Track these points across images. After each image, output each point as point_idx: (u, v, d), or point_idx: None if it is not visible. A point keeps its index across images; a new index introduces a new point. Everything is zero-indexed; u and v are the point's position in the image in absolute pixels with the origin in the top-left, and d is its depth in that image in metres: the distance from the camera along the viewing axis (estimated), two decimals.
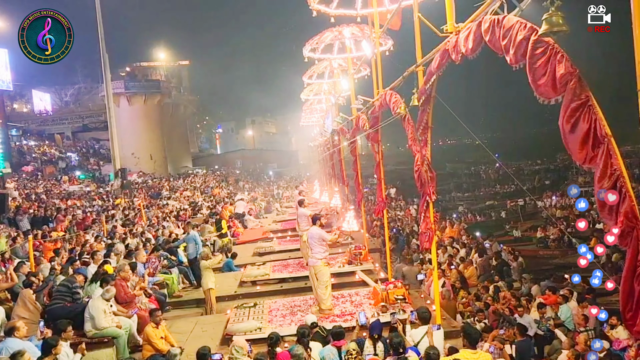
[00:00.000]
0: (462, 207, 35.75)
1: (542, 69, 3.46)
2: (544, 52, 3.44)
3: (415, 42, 6.85)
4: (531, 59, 3.54)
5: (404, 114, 6.98)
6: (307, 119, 35.94)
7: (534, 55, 3.52)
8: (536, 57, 3.50)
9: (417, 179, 7.03)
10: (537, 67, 3.50)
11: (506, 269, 14.07)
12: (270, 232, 17.91)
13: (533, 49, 3.52)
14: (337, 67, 16.12)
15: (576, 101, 3.25)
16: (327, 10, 9.90)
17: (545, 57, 3.43)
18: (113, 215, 18.86)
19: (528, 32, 3.60)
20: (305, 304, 9.30)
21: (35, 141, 44.72)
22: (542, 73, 3.46)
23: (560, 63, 3.33)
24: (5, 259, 10.89)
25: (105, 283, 7.83)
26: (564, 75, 3.27)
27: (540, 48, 3.48)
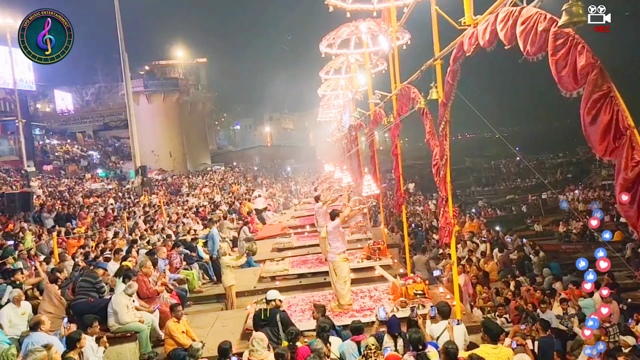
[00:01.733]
0: (481, 201, 35.40)
1: (563, 61, 3.41)
2: (565, 44, 3.39)
3: (432, 36, 6.80)
4: (552, 50, 3.49)
5: (423, 108, 6.94)
6: (324, 115, 35.90)
7: (555, 47, 3.47)
8: (557, 49, 3.45)
9: (435, 173, 7.00)
10: (558, 58, 3.45)
11: (527, 263, 13.93)
12: (289, 228, 17.97)
13: (554, 40, 3.47)
14: (354, 62, 16.06)
15: (597, 92, 3.20)
16: (344, 5, 9.86)
17: (565, 48, 3.38)
18: (134, 212, 19.12)
19: (548, 23, 3.55)
20: (324, 299, 9.33)
21: (57, 140, 45.51)
22: (563, 65, 3.41)
23: (581, 54, 3.28)
24: (31, 255, 11.16)
25: (128, 279, 7.96)
26: (584, 67, 3.22)
27: (561, 39, 3.43)
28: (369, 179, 10.61)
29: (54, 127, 49.09)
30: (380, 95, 10.25)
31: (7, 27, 26.35)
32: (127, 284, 7.83)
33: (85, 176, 32.94)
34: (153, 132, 44.07)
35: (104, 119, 51.60)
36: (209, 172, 42.22)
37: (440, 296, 8.75)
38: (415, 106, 7.34)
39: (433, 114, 7.07)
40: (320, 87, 21.95)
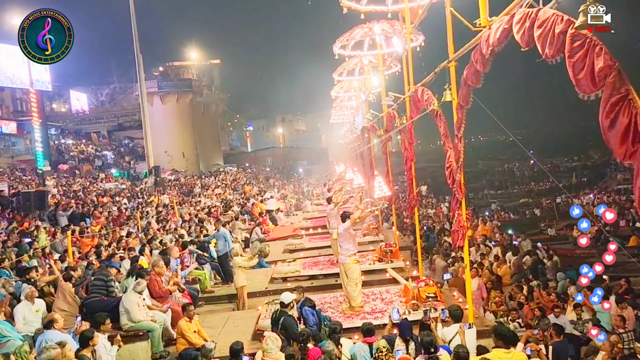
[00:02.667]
0: (495, 204, 35.14)
1: (580, 63, 3.36)
2: (582, 46, 3.34)
3: (446, 38, 6.76)
4: (569, 52, 3.44)
5: (437, 110, 6.91)
6: (337, 117, 35.92)
7: (572, 49, 3.42)
8: (574, 51, 3.40)
9: (448, 175, 6.95)
10: (575, 61, 3.40)
11: (541, 267, 13.78)
12: (301, 229, 17.98)
13: (571, 42, 3.42)
14: (367, 64, 16.04)
15: (616, 95, 3.15)
16: (358, 7, 9.85)
17: (583, 50, 3.33)
18: (147, 212, 19.26)
19: (565, 25, 3.50)
20: (335, 301, 9.33)
21: (72, 140, 45.99)
22: (580, 67, 3.36)
23: (599, 56, 3.23)
24: (46, 253, 11.28)
25: (141, 277, 8.01)
26: (602, 69, 3.17)
27: (578, 41, 3.39)
28: (381, 181, 10.58)
29: (69, 127, 49.64)
30: (393, 97, 10.21)
31: None
32: (135, 281, 7.90)
33: (99, 176, 33.24)
34: (166, 133, 44.40)
35: (118, 120, 52.11)
36: (221, 173, 42.42)
37: (453, 299, 8.69)
38: (429, 108, 7.30)
39: (446, 116, 7.03)
40: (334, 88, 21.96)
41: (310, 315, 7.24)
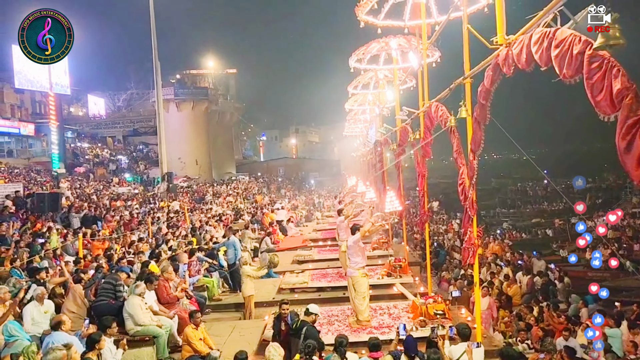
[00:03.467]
0: (506, 223, 34.83)
1: (599, 85, 3.33)
2: (600, 67, 3.32)
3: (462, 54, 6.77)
4: (587, 74, 3.42)
5: (452, 127, 6.90)
6: (350, 129, 36.00)
7: (590, 70, 3.40)
8: (592, 72, 3.38)
9: (460, 192, 6.92)
10: (593, 82, 3.37)
11: (552, 288, 13.60)
12: (310, 241, 17.95)
13: (589, 63, 3.40)
14: (382, 78, 16.09)
15: (632, 117, 3.11)
16: (375, 22, 9.90)
17: (601, 72, 3.30)
18: (158, 218, 19.36)
19: (583, 45, 3.49)
20: (342, 314, 9.27)
21: (88, 143, 46.54)
22: (599, 89, 3.33)
23: (617, 78, 3.21)
24: (57, 255, 11.37)
25: (150, 283, 8.04)
26: (620, 91, 3.15)
27: (596, 62, 3.37)
28: (392, 195, 10.55)
29: (86, 131, 50.27)
30: (407, 111, 10.22)
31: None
32: (134, 284, 7.92)
33: (113, 180, 33.54)
34: (181, 140, 44.74)
35: (134, 125, 52.67)
36: (233, 181, 42.58)
37: (461, 317, 8.60)
38: (444, 125, 7.29)
39: (460, 133, 7.02)
40: (348, 101, 22.03)
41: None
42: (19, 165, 32.94)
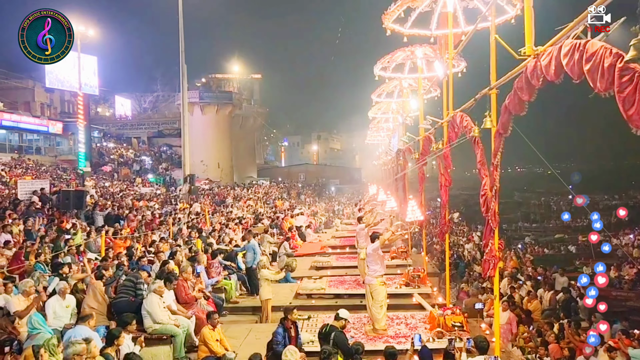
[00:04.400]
0: (528, 237, 34.25)
1: (630, 98, 3.26)
2: (631, 80, 3.25)
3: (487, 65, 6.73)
4: (619, 87, 3.35)
5: (475, 137, 6.84)
6: (372, 137, 35.96)
7: (621, 83, 3.33)
8: (623, 86, 3.31)
9: (482, 203, 6.84)
10: (625, 96, 3.30)
11: (573, 306, 13.31)
12: (329, 247, 17.94)
13: (620, 77, 3.34)
14: (406, 87, 16.05)
15: None
16: (401, 30, 9.88)
17: (632, 85, 3.24)
18: (179, 219, 19.57)
19: (614, 58, 3.43)
20: (359, 322, 9.23)
21: (113, 143, 47.36)
22: (631, 102, 3.25)
23: None
24: (80, 251, 11.57)
25: (169, 282, 8.12)
26: None
27: (627, 76, 3.30)
28: (414, 205, 10.49)
29: (112, 131, 51.16)
30: (431, 120, 10.17)
31: (79, 34, 27.84)
32: (152, 282, 8.01)
33: (136, 180, 34.05)
34: (204, 143, 45.18)
35: (159, 127, 53.42)
36: (254, 186, 42.83)
37: (480, 331, 8.48)
38: (468, 134, 7.24)
39: (484, 143, 6.96)
40: (371, 109, 22.01)
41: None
42: (45, 163, 33.67)
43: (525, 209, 50.43)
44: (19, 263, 9.78)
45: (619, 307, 16.01)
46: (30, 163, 30.99)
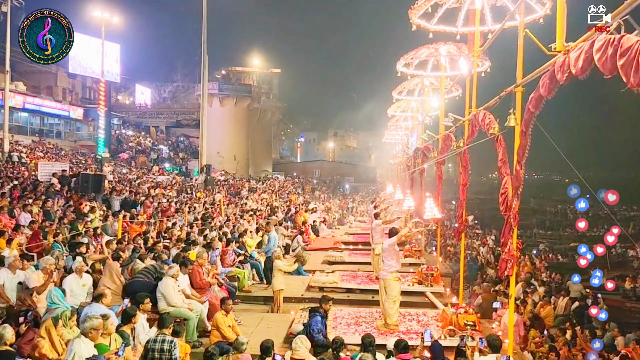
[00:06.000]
0: (543, 245, 33.89)
1: None
2: None
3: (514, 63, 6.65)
4: None
5: (497, 135, 6.78)
6: (390, 136, 35.84)
7: None
8: None
9: (502, 202, 6.78)
10: None
11: (586, 314, 13.16)
12: (342, 243, 17.93)
13: None
14: (428, 85, 15.93)
15: None
16: (427, 26, 9.82)
17: None
18: (195, 207, 19.71)
19: None
20: (370, 316, 9.22)
21: (132, 131, 47.88)
22: None
23: None
24: (97, 234, 11.73)
25: (184, 266, 8.20)
26: None
27: None
28: (432, 203, 10.43)
29: (131, 119, 51.74)
30: (453, 118, 10.09)
31: (103, 21, 28.12)
32: (169, 266, 8.09)
33: (153, 168, 34.36)
34: (221, 134, 45.39)
35: (177, 117, 53.86)
36: (269, 179, 42.96)
37: (492, 331, 8.42)
38: (488, 132, 7.16)
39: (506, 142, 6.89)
40: (391, 107, 21.91)
41: (317, 323, 7.31)
42: (65, 147, 34.17)
43: (541, 216, 49.91)
44: (37, 242, 9.95)
45: (633, 318, 15.81)
46: (51, 147, 31.46)
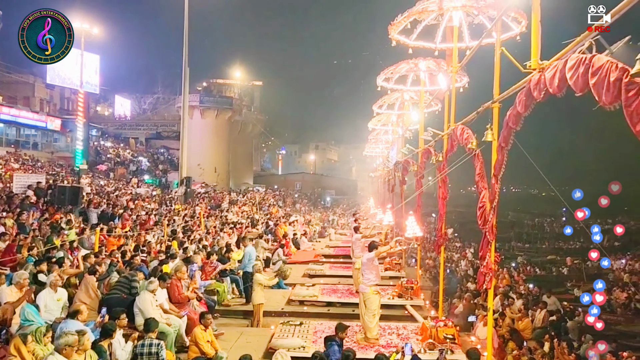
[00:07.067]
0: (521, 257, 34.30)
1: (637, 113, 3.26)
2: (637, 95, 3.28)
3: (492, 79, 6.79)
4: (625, 102, 3.35)
5: (475, 150, 6.89)
6: (371, 149, 36.06)
7: (628, 98, 3.34)
8: (630, 100, 3.32)
9: (480, 216, 6.87)
10: (632, 110, 3.30)
11: (564, 326, 13.34)
12: (322, 256, 17.91)
13: (626, 91, 3.36)
14: (408, 100, 16.12)
15: None
16: (407, 42, 9.98)
17: (638, 99, 3.28)
18: (174, 220, 19.51)
19: (620, 72, 3.45)
20: (350, 330, 9.15)
21: (111, 143, 47.27)
22: (638, 117, 3.27)
23: None
24: (73, 247, 11.51)
25: (163, 281, 8.09)
26: None
27: (633, 90, 3.33)
28: (413, 221, 10.50)
29: (110, 130, 51.07)
30: (432, 132, 10.22)
31: (83, 32, 27.81)
32: (148, 280, 7.98)
33: (132, 180, 33.94)
34: (202, 147, 45.15)
35: (157, 128, 53.41)
36: (250, 191, 42.76)
37: (471, 344, 8.46)
38: (467, 146, 7.28)
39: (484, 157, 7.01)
40: (372, 120, 22.09)
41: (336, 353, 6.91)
42: (42, 158, 33.56)
43: (519, 229, 50.54)
44: (11, 255, 9.72)
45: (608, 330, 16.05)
46: (27, 158, 30.88)
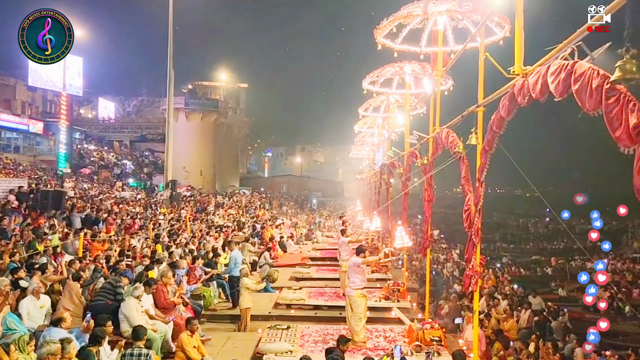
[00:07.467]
0: (506, 258, 34.62)
1: (617, 119, 3.33)
2: (617, 101, 3.34)
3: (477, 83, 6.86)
4: (606, 108, 3.43)
5: (460, 153, 6.95)
6: (357, 152, 36.13)
7: (608, 105, 3.41)
8: (610, 107, 3.39)
9: (465, 218, 6.93)
10: (612, 116, 3.38)
11: (548, 326, 13.48)
12: (309, 259, 17.90)
13: (607, 97, 3.43)
14: (393, 102, 16.20)
15: None
16: (392, 45, 10.02)
17: (618, 106, 3.33)
18: (160, 224, 19.35)
19: (601, 79, 3.52)
20: (337, 333, 9.16)
21: (95, 146, 46.76)
22: (618, 124, 3.32)
23: (633, 112, 3.24)
24: (57, 253, 11.36)
25: (148, 286, 8.01)
26: (636, 125, 3.17)
27: (613, 97, 3.40)
28: (402, 231, 10.55)
29: (93, 133, 50.52)
30: (418, 135, 10.28)
31: None
32: (133, 286, 7.91)
33: (116, 184, 33.61)
34: (187, 149, 44.88)
35: (142, 131, 52.94)
36: (236, 194, 42.58)
37: (458, 346, 8.53)
38: (453, 150, 7.34)
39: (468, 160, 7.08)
40: (357, 123, 22.15)
41: None
42: (24, 162, 33.10)
43: (504, 230, 51.02)
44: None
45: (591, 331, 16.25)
46: (8, 162, 30.42)
